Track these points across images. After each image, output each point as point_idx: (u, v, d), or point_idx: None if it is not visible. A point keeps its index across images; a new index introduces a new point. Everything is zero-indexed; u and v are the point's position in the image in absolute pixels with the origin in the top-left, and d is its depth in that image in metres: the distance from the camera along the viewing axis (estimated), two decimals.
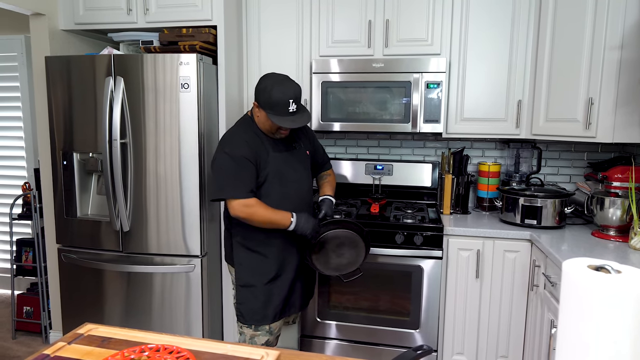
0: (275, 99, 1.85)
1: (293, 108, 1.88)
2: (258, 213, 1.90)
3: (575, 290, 0.76)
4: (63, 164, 2.52)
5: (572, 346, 0.76)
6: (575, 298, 0.76)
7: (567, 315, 0.77)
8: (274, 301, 2.04)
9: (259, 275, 2.03)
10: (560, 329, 0.79)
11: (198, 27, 2.51)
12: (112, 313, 2.58)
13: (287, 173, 2.02)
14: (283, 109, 1.87)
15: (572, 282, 0.76)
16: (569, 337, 0.77)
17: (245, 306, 2.05)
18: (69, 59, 2.46)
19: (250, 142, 1.94)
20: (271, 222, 1.92)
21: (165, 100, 2.36)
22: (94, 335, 1.19)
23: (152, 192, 2.43)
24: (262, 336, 2.07)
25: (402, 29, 2.59)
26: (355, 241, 2.06)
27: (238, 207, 1.89)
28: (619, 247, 2.09)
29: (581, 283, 0.75)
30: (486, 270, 2.41)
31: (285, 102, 1.86)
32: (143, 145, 2.41)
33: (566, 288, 0.78)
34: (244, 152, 1.90)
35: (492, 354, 2.46)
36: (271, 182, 1.98)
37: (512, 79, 2.53)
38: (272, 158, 1.98)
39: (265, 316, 2.04)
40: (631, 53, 2.11)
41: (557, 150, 2.84)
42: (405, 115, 2.55)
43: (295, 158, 2.08)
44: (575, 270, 0.76)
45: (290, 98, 1.86)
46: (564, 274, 0.78)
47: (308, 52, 2.70)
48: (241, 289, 2.06)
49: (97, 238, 2.54)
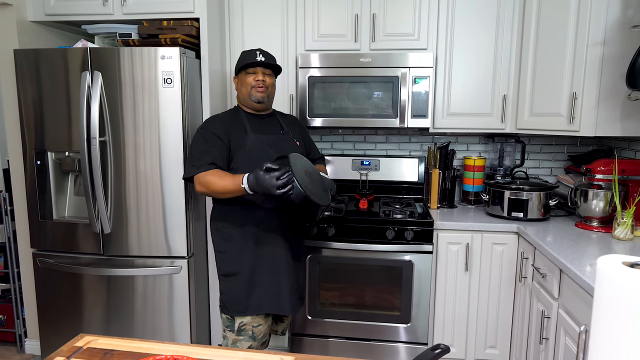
0: (244, 54, 2.02)
1: (260, 58, 1.98)
2: (212, 181, 1.83)
3: (611, 287, 0.75)
4: (37, 164, 2.39)
5: (606, 343, 0.76)
6: (610, 295, 0.75)
7: (601, 312, 0.77)
8: (257, 290, 1.98)
9: (240, 263, 1.98)
10: (593, 326, 0.79)
11: (180, 20, 2.41)
12: (92, 319, 2.48)
13: (270, 156, 1.94)
14: (250, 58, 1.98)
15: (607, 279, 0.76)
16: (603, 334, 0.77)
17: (227, 296, 2.00)
18: (39, 53, 2.32)
19: (227, 121, 2.00)
20: (225, 189, 1.82)
21: (145, 96, 2.27)
22: (94, 347, 1.12)
23: (134, 191, 2.34)
24: (244, 341, 2.00)
25: (389, 24, 2.57)
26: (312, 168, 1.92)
27: (197, 183, 1.89)
28: (603, 237, 2.15)
29: (617, 280, 0.74)
30: (475, 263, 2.43)
31: (252, 52, 1.99)
32: (123, 143, 2.31)
33: (601, 285, 0.77)
34: (213, 128, 1.95)
35: (481, 345, 2.50)
36: (248, 165, 1.89)
37: (497, 74, 2.56)
38: (252, 139, 1.95)
39: (249, 306, 1.97)
40: (613, 49, 2.17)
41: (539, 144, 2.90)
42: (393, 111, 2.54)
43: (282, 144, 2.03)
44: (610, 267, 0.76)
45: (257, 50, 1.99)
46: (599, 271, 0.78)
47: (294, 46, 2.65)
48: (224, 279, 2.02)
49: (75, 241, 2.42)
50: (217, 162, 1.89)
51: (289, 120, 2.18)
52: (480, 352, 2.50)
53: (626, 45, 2.12)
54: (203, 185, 1.86)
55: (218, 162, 1.89)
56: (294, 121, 2.23)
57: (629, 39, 2.12)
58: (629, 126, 2.21)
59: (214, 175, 1.85)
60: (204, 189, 1.87)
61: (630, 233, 2.07)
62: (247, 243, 1.98)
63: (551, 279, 1.95)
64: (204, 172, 1.86)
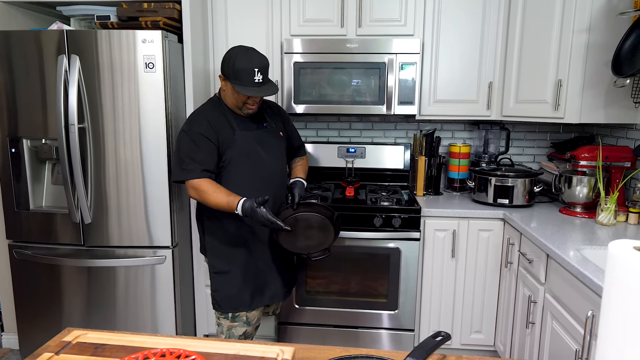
0: (240, 67, 1.80)
1: (259, 78, 1.82)
2: (208, 196, 1.82)
3: (622, 271, 0.75)
4: (11, 152, 2.28)
5: (617, 328, 0.76)
6: (621, 280, 0.75)
7: (612, 297, 0.77)
8: (249, 287, 1.99)
9: (232, 261, 1.97)
10: (604, 311, 0.79)
11: (161, 2, 2.32)
12: (72, 311, 2.41)
13: (258, 153, 1.94)
14: (248, 78, 1.81)
15: (619, 264, 0.75)
16: (614, 320, 0.77)
17: (220, 293, 1.99)
18: (10, 35, 2.20)
19: (213, 120, 1.88)
20: (218, 204, 1.82)
21: (125, 80, 2.18)
22: (84, 342, 1.07)
23: (114, 180, 2.26)
24: (239, 327, 2.02)
25: (376, 9, 2.53)
26: (325, 225, 2.04)
27: (190, 188, 1.86)
28: (587, 222, 2.19)
29: (628, 265, 0.74)
30: (461, 249, 2.45)
31: (250, 70, 1.80)
32: (103, 130, 2.23)
33: (612, 270, 0.77)
34: (202, 130, 1.85)
35: (466, 330, 2.53)
36: (238, 163, 1.90)
37: (484, 61, 2.56)
38: (240, 137, 1.91)
39: (242, 303, 1.98)
40: (598, 36, 2.19)
41: (523, 131, 2.93)
42: (380, 97, 2.51)
43: (268, 137, 2.01)
44: (622, 252, 0.76)
45: (255, 67, 1.81)
46: (610, 256, 0.77)
47: (279, 31, 2.58)
48: (215, 276, 2.00)
49: (53, 231, 2.34)
50: (209, 168, 1.86)
51: (271, 110, 2.13)
52: (465, 337, 2.53)
53: (611, 32, 2.14)
54: (196, 192, 1.84)
55: (210, 168, 1.86)
56: (276, 109, 2.18)
57: (614, 26, 2.14)
58: (613, 113, 2.24)
59: (208, 185, 1.83)
60: (196, 196, 1.86)
61: (613, 218, 2.11)
62: (239, 240, 1.97)
63: (538, 264, 1.97)
64: (198, 180, 1.83)
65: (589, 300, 1.51)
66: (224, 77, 1.87)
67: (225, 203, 1.80)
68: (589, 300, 1.52)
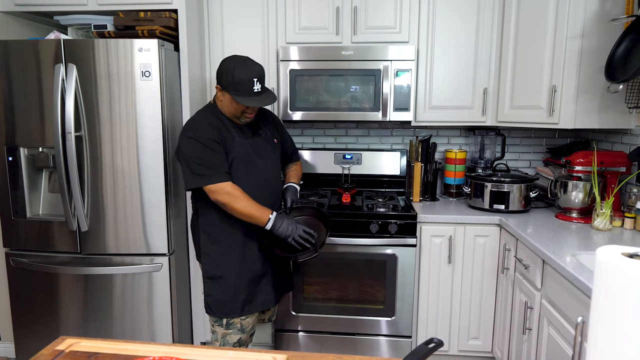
0: (239, 78, 1.81)
1: (258, 88, 1.84)
2: (238, 202, 1.83)
3: (610, 277, 0.76)
4: (8, 160, 2.29)
5: (606, 334, 0.76)
6: (610, 285, 0.76)
7: (601, 303, 0.77)
8: (242, 292, 1.98)
9: (226, 266, 1.97)
10: (593, 317, 0.79)
11: (157, 11, 2.34)
12: (69, 320, 2.40)
13: (254, 160, 1.96)
14: (247, 89, 1.82)
15: (607, 271, 0.76)
16: (603, 325, 0.77)
17: (213, 298, 1.99)
18: (8, 44, 2.22)
19: (214, 125, 1.89)
20: (249, 215, 1.86)
21: (122, 89, 2.19)
22: (77, 351, 1.07)
23: (111, 187, 2.27)
24: (233, 334, 2.02)
25: (371, 16, 2.55)
26: (317, 225, 2.05)
27: (219, 191, 1.83)
28: (583, 228, 2.19)
29: (616, 270, 0.75)
30: (458, 255, 2.45)
31: (250, 80, 1.81)
32: (100, 138, 2.23)
33: (600, 276, 0.78)
34: (209, 134, 1.85)
35: (464, 336, 2.52)
36: (236, 169, 1.91)
37: (478, 67, 2.58)
38: (238, 144, 1.92)
39: (234, 309, 1.97)
40: (591, 42, 2.20)
41: (518, 137, 2.94)
42: (375, 104, 2.53)
43: (263, 145, 2.02)
44: (610, 258, 0.76)
45: (254, 77, 1.83)
46: (598, 262, 0.78)
47: (274, 38, 2.60)
48: (209, 281, 2.00)
49: (50, 239, 2.34)
50: (229, 171, 1.87)
51: (265, 117, 2.14)
52: (463, 344, 2.53)
53: (604, 38, 2.16)
54: (225, 199, 1.83)
55: (228, 170, 1.87)
56: (270, 117, 2.18)
57: (606, 32, 2.16)
58: (607, 118, 2.25)
59: (238, 191, 1.85)
60: (224, 200, 1.83)
61: (609, 223, 2.11)
62: (234, 246, 1.97)
63: (534, 270, 1.97)
64: (224, 183, 1.83)
65: (585, 306, 1.51)
66: (222, 88, 1.87)
67: (259, 213, 1.85)
68: (584, 306, 1.52)
